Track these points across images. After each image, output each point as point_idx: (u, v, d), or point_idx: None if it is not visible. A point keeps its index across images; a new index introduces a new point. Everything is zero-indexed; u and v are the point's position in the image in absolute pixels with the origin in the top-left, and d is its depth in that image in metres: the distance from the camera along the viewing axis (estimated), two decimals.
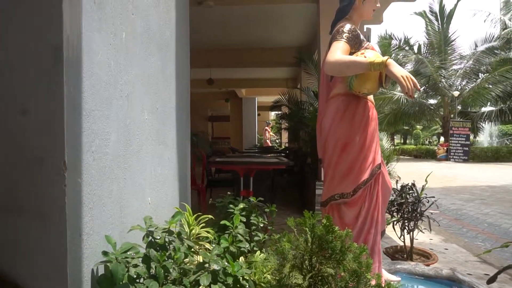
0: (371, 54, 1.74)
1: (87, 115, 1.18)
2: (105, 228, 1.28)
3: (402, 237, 2.67)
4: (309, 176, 4.96)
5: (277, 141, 18.61)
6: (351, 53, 1.80)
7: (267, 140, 14.75)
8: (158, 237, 1.33)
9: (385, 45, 17.67)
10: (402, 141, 32.18)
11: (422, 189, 2.65)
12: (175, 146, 1.97)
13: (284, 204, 5.52)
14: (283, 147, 13.75)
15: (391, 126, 18.74)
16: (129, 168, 1.48)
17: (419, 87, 1.66)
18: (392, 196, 2.68)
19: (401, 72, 1.64)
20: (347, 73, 1.74)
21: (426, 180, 2.67)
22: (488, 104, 16.94)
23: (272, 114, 21.82)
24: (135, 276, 1.16)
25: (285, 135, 13.51)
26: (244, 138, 13.31)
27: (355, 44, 1.80)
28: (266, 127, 15.13)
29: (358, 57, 1.72)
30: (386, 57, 1.70)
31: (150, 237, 1.32)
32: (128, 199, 1.47)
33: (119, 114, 1.40)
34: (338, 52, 1.72)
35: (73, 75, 1.11)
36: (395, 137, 29.85)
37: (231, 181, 5.41)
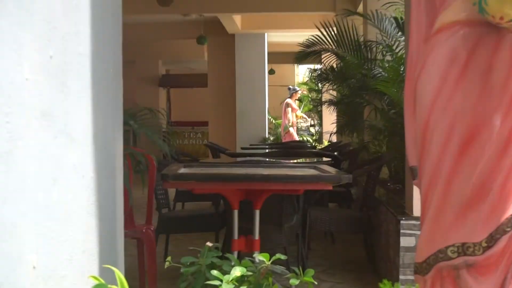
0: None
1: None
2: None
3: None
4: (384, 208, 4.96)
5: (311, 129, 18.68)
6: None
7: (290, 129, 14.81)
8: None
9: None
10: None
11: None
12: (90, 142, 1.98)
13: (332, 267, 5.55)
14: (325, 143, 13.79)
15: None
16: None
17: None
18: None
19: None
20: None
21: None
22: None
23: (301, 72, 21.89)
24: None
25: (329, 118, 13.47)
26: (241, 125, 13.36)
27: None
28: (288, 101, 15.17)
29: None
30: None
31: None
32: None
33: None
34: None
35: None
36: None
37: (211, 217, 5.44)
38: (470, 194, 1.90)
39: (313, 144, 15.04)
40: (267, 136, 13.74)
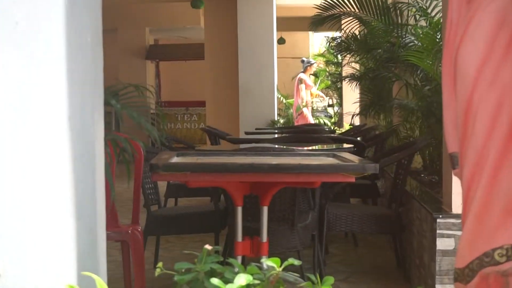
0: None
1: None
2: None
3: None
4: (417, 204, 4.96)
5: (329, 110, 18.67)
6: None
7: (304, 110, 14.79)
8: None
9: None
10: None
11: None
12: (64, 127, 1.99)
13: (354, 274, 5.57)
14: (346, 126, 13.77)
15: None
16: None
17: None
18: None
19: None
20: None
21: None
22: None
23: (316, 41, 21.83)
24: None
25: (350, 96, 13.43)
26: (244, 105, 13.35)
27: None
28: (302, 76, 15.15)
29: None
30: None
31: None
32: None
33: None
34: None
35: None
36: None
37: (209, 216, 5.45)
38: None
39: (332, 127, 15.02)
40: (276, 118, 13.72)
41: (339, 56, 12.60)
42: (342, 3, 7.84)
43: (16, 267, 1.82)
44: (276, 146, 6.00)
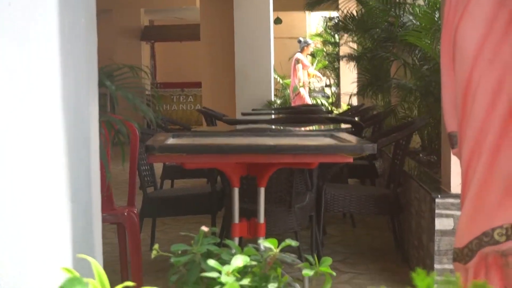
0: None
1: None
2: None
3: None
4: (416, 184, 4.96)
5: (326, 90, 18.65)
6: None
7: (301, 90, 14.77)
8: None
9: None
10: None
11: None
12: (58, 108, 1.98)
13: (352, 255, 5.59)
14: (344, 107, 13.76)
15: None
16: None
17: None
18: None
19: None
20: None
21: None
22: None
23: (313, 21, 21.76)
24: None
25: (348, 77, 13.42)
26: (241, 86, 13.33)
27: None
28: (299, 56, 15.11)
29: None
30: None
31: None
32: None
33: None
34: None
35: None
36: None
37: (206, 197, 5.45)
38: None
39: (329, 108, 15.02)
40: (273, 99, 13.70)
41: (336, 36, 12.56)
42: None
43: (11, 250, 1.82)
44: (273, 127, 6.00)
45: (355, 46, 10.06)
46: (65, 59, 2.00)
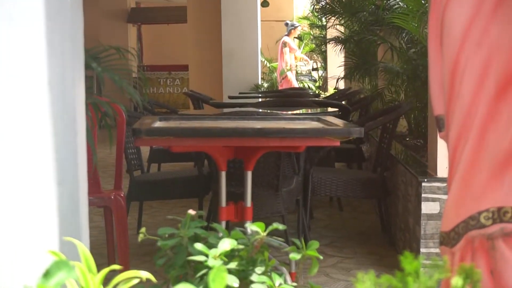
0: None
1: None
2: None
3: None
4: (403, 168, 4.98)
5: (313, 74, 18.66)
6: None
7: (288, 74, 14.77)
8: None
9: None
10: None
11: None
12: (43, 90, 1.96)
13: (339, 239, 5.62)
14: (331, 90, 13.77)
15: None
16: None
17: None
18: None
19: None
20: None
21: None
22: None
23: (301, 4, 21.71)
24: None
25: (335, 60, 13.42)
26: (228, 69, 13.31)
27: None
28: (286, 39, 15.09)
29: None
30: None
31: None
32: None
33: None
34: None
35: None
36: None
37: (193, 181, 5.45)
38: (509, 148, 1.89)
39: (316, 91, 15.02)
40: (260, 82, 13.69)
41: (323, 19, 12.53)
42: None
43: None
44: (260, 110, 5.99)
45: (342, 29, 10.05)
46: (50, 39, 1.99)
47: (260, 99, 8.76)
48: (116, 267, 1.79)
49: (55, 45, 2.02)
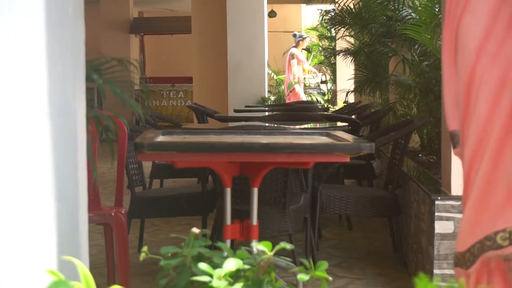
0: None
1: None
2: None
3: None
4: (415, 185, 4.97)
5: (322, 87, 18.68)
6: None
7: (296, 87, 14.79)
8: None
9: None
10: None
11: None
12: (43, 103, 1.97)
13: (348, 259, 5.60)
14: (340, 104, 13.78)
15: None
16: None
17: None
18: None
19: None
20: None
21: None
22: None
23: (309, 15, 21.79)
24: None
25: (345, 73, 13.44)
26: (234, 81, 13.34)
27: None
28: (294, 51, 15.13)
29: None
30: None
31: None
32: None
33: None
34: None
35: None
36: None
37: (196, 198, 5.45)
38: None
39: (325, 105, 15.03)
40: (266, 95, 13.71)
41: (332, 30, 12.56)
42: None
43: None
44: (267, 124, 5.99)
45: (352, 40, 10.07)
46: (51, 51, 1.99)
47: (266, 113, 8.77)
48: (116, 287, 1.79)
49: (55, 56, 2.03)
